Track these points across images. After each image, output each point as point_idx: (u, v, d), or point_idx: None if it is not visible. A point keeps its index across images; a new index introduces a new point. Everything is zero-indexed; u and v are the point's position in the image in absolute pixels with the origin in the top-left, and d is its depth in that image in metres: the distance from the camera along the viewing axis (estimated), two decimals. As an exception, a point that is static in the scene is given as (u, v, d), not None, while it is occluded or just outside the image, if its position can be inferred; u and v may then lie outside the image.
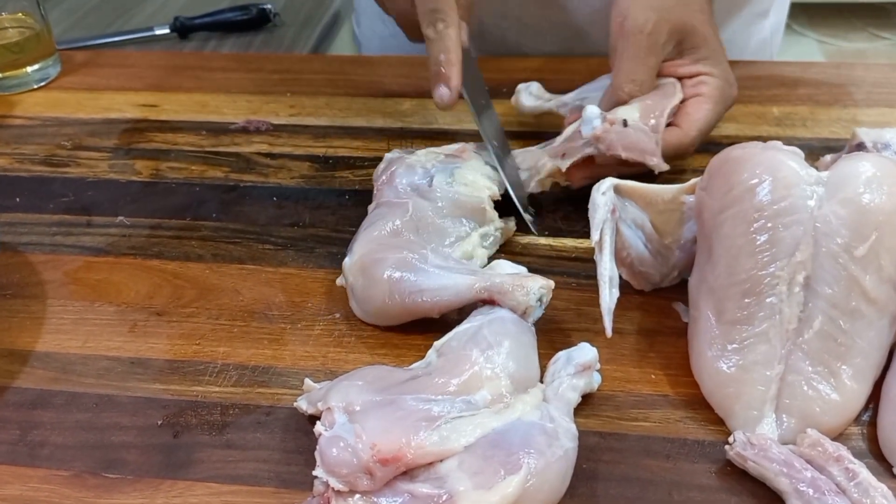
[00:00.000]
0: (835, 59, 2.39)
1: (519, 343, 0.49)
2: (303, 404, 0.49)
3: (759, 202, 0.49)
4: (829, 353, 0.47)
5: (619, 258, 0.54)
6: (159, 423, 0.50)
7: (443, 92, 0.61)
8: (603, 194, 0.52)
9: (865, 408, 0.49)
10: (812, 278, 0.48)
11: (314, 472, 0.42)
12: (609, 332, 0.50)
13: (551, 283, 0.52)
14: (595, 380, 0.50)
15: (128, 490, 0.47)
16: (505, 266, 0.55)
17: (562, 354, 0.50)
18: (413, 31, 0.66)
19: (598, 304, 0.51)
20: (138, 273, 0.62)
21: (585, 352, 0.50)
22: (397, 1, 0.66)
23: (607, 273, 0.51)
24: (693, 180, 0.55)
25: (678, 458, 0.47)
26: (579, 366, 0.49)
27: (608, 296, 0.50)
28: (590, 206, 0.53)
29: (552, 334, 0.54)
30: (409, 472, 0.43)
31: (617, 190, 0.54)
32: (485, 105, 0.67)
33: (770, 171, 0.49)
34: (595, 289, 0.51)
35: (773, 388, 0.47)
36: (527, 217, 0.64)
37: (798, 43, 2.52)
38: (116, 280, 0.61)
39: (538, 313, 0.52)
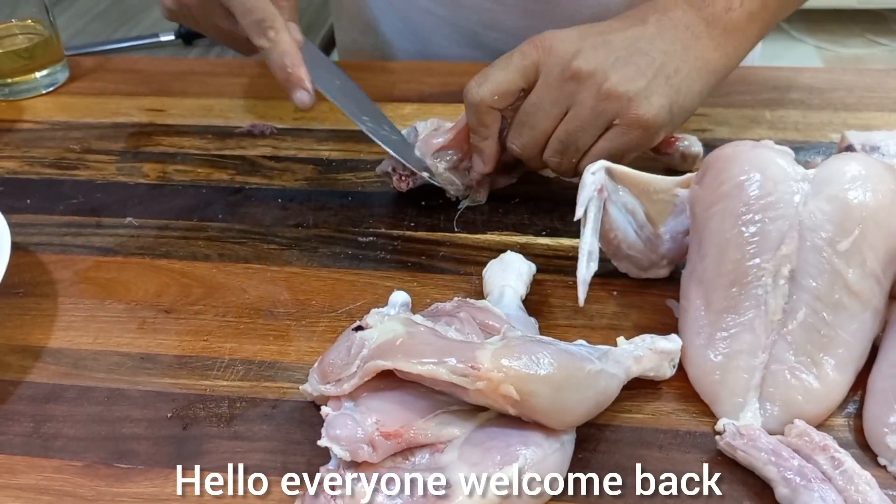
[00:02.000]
0: (832, 64, 2.40)
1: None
2: (307, 388, 0.50)
3: (747, 196, 0.51)
4: (813, 343, 0.49)
5: (606, 239, 0.57)
6: (169, 415, 0.52)
7: (302, 95, 0.62)
8: (593, 174, 0.54)
9: (852, 400, 0.50)
10: (797, 271, 0.49)
11: (319, 442, 0.44)
12: (581, 302, 0.52)
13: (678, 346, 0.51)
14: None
15: (139, 479, 0.48)
16: (522, 264, 0.57)
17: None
18: (243, 47, 0.66)
19: (594, 302, 0.53)
20: (147, 272, 0.63)
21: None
22: (219, 25, 0.67)
23: (587, 247, 0.53)
24: (688, 175, 0.56)
25: (670, 448, 0.49)
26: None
27: (585, 267, 0.53)
28: (579, 185, 0.55)
29: (548, 331, 0.56)
30: (411, 461, 0.44)
31: (611, 174, 0.56)
32: (341, 87, 0.67)
33: (759, 167, 0.51)
34: (591, 287, 0.53)
35: (756, 376, 0.49)
36: (424, 175, 0.66)
37: (796, 49, 2.53)
38: (125, 279, 0.63)
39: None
